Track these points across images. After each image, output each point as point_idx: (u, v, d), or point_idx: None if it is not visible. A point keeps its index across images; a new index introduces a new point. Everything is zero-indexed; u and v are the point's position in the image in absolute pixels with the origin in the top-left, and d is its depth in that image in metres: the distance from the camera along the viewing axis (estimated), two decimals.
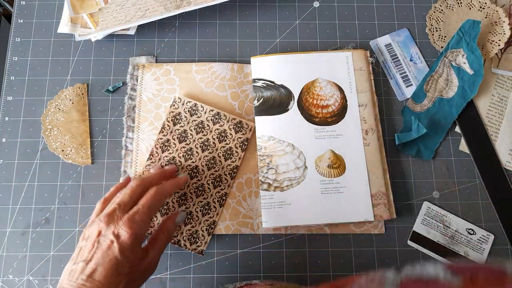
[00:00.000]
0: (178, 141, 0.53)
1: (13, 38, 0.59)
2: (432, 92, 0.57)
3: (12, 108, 0.56)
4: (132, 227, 0.39)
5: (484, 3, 0.60)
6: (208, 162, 0.53)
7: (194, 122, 0.53)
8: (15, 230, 0.52)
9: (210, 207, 0.51)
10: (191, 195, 0.51)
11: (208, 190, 0.52)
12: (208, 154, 0.53)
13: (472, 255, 0.51)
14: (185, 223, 0.51)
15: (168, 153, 0.52)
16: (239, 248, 0.52)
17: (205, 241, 0.50)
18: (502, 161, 0.55)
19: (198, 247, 0.50)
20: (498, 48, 0.59)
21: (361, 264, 0.51)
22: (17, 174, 0.54)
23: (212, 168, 0.52)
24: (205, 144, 0.53)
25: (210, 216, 0.51)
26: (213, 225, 0.51)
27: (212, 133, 0.53)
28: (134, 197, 0.42)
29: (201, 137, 0.53)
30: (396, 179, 0.54)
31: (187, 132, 0.53)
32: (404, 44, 0.60)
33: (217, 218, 0.51)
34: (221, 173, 0.52)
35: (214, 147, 0.53)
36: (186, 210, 0.51)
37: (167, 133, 0.53)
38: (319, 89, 0.56)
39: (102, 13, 0.59)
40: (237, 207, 0.52)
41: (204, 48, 0.59)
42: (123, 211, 0.40)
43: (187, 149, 0.53)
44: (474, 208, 0.53)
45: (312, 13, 0.61)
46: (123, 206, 0.41)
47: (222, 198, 0.52)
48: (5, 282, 0.50)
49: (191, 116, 0.54)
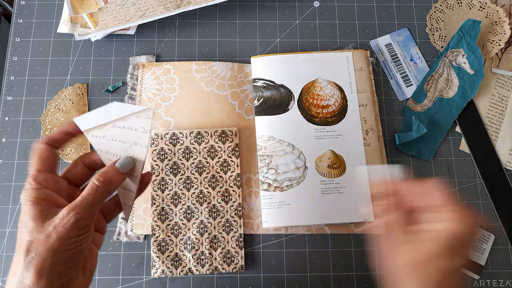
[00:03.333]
0: (173, 175, 0.52)
1: (13, 38, 0.59)
2: (432, 92, 0.57)
3: (12, 108, 0.56)
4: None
5: (484, 3, 0.60)
6: (210, 182, 0.52)
7: (179, 150, 0.53)
8: (15, 230, 0.52)
9: (231, 223, 0.51)
10: (208, 219, 0.51)
11: (222, 208, 0.51)
12: (207, 175, 0.52)
13: (472, 255, 0.51)
14: (215, 248, 0.50)
15: (168, 191, 0.52)
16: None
17: (241, 256, 0.50)
18: (503, 161, 0.55)
19: (236, 265, 0.50)
20: (499, 48, 0.59)
21: (362, 264, 0.51)
22: (17, 174, 0.54)
23: (217, 186, 0.52)
24: (199, 167, 0.52)
25: (234, 231, 0.51)
26: (241, 238, 0.51)
27: (201, 154, 0.53)
28: None
29: (193, 161, 0.52)
30: None
31: (177, 163, 0.52)
32: (404, 44, 0.59)
33: (242, 230, 0.51)
34: (227, 187, 0.52)
35: (209, 166, 0.52)
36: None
37: (159, 173, 0.52)
38: (319, 89, 0.55)
39: (102, 13, 0.58)
40: None
41: (204, 48, 0.59)
42: None
43: (184, 179, 0.52)
44: (475, 208, 0.53)
45: (312, 13, 0.61)
46: None
47: (238, 210, 0.51)
48: (5, 282, 0.50)
49: (174, 147, 0.53)
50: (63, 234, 0.29)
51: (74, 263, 0.31)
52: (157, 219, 0.51)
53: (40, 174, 0.32)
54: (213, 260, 0.50)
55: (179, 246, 0.50)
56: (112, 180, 0.33)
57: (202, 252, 0.50)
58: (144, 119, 0.35)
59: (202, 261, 0.50)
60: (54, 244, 0.29)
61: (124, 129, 0.35)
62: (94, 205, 0.32)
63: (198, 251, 0.50)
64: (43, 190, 0.31)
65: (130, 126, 0.35)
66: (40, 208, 0.30)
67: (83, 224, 0.30)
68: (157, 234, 0.50)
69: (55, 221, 0.30)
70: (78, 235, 0.30)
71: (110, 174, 0.33)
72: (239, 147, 0.54)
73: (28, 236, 0.30)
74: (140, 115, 0.35)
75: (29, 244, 0.29)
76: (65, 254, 0.30)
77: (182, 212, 0.51)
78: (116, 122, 0.35)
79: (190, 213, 0.51)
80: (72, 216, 0.30)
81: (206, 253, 0.50)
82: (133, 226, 0.51)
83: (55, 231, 0.29)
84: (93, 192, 0.32)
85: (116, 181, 0.34)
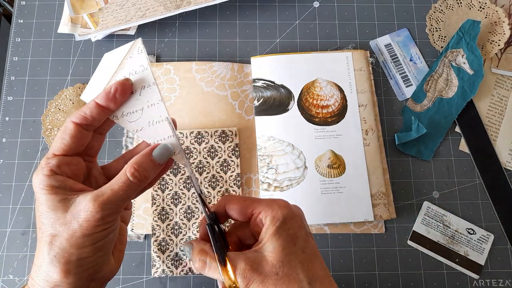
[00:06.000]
0: (173, 175, 0.52)
1: (13, 38, 0.59)
2: (432, 92, 0.57)
3: (12, 108, 0.56)
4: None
5: (484, 3, 0.60)
6: (210, 182, 0.52)
7: None
8: (16, 230, 0.52)
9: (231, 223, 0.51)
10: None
11: None
12: (207, 175, 0.52)
13: (472, 255, 0.51)
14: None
15: (169, 191, 0.52)
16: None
17: None
18: (502, 161, 0.55)
19: None
20: (498, 48, 0.59)
21: (361, 264, 0.51)
22: (17, 174, 0.54)
23: (217, 186, 0.52)
24: (199, 167, 0.52)
25: None
26: None
27: (201, 154, 0.53)
28: None
29: (193, 161, 0.53)
30: (396, 179, 0.54)
31: (178, 163, 0.52)
32: (404, 44, 0.60)
33: None
34: (227, 187, 0.52)
35: (209, 166, 0.52)
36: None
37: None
38: (319, 89, 0.56)
39: (102, 13, 0.59)
40: None
41: (204, 48, 0.59)
42: None
43: (185, 179, 0.52)
44: (474, 208, 0.54)
45: (312, 13, 0.61)
46: None
47: None
48: (6, 282, 0.50)
49: None
50: (88, 230, 0.28)
51: (102, 252, 0.29)
52: (158, 219, 0.51)
53: (53, 158, 0.30)
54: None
55: (179, 246, 0.50)
56: (147, 175, 0.30)
57: None
58: (137, 56, 0.32)
59: None
60: (79, 239, 0.28)
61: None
62: (124, 201, 0.29)
63: None
64: (56, 177, 0.29)
65: (129, 72, 0.32)
66: (58, 198, 0.28)
67: (110, 219, 0.28)
68: (158, 234, 0.50)
69: (79, 214, 0.28)
70: (104, 229, 0.28)
71: (147, 167, 0.30)
72: (239, 147, 0.54)
73: (51, 228, 0.28)
74: (132, 54, 0.32)
75: (52, 237, 0.28)
76: (92, 247, 0.28)
77: (183, 212, 0.51)
78: (115, 76, 0.32)
79: (191, 213, 0.51)
80: (98, 211, 0.27)
81: None
82: (133, 226, 0.51)
83: (80, 227, 0.27)
84: (125, 188, 0.29)
85: (151, 175, 0.30)
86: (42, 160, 0.30)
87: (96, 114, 0.30)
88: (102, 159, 0.54)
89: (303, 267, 0.29)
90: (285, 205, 0.31)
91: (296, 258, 0.29)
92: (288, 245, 0.29)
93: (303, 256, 0.30)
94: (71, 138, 0.30)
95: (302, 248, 0.30)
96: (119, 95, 0.30)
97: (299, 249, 0.30)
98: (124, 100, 0.31)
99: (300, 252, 0.30)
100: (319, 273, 0.30)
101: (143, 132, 0.32)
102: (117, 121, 0.32)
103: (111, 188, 0.29)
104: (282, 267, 0.29)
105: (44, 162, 0.30)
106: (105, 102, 0.30)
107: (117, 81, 0.31)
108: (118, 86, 0.30)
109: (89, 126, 0.31)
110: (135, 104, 0.32)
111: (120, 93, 0.30)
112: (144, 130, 0.32)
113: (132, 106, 0.32)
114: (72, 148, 0.30)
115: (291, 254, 0.29)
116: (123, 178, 0.29)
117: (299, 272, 0.29)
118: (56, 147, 0.30)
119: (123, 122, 0.32)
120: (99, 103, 0.30)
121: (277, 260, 0.29)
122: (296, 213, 0.31)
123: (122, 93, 0.31)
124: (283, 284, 0.28)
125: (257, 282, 0.28)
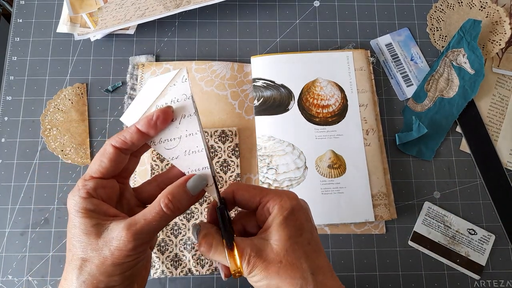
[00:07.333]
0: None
1: (12, 38, 0.59)
2: (433, 92, 0.57)
3: (11, 108, 0.56)
4: None
5: (485, 3, 0.60)
6: None
7: None
8: (14, 230, 0.52)
9: None
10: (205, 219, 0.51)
11: None
12: None
13: (473, 255, 0.51)
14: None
15: None
16: None
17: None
18: (503, 161, 0.55)
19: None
20: (499, 48, 0.58)
21: (362, 265, 0.51)
22: (16, 174, 0.53)
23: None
24: None
25: None
26: None
27: None
28: None
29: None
30: (396, 179, 0.54)
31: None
32: (404, 43, 0.59)
33: None
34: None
35: None
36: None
37: (159, 173, 0.52)
38: (320, 89, 0.55)
39: (101, 13, 0.58)
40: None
41: (204, 47, 0.59)
42: None
43: None
44: (475, 208, 0.53)
45: (312, 12, 0.61)
46: None
47: (238, 210, 0.51)
48: (5, 282, 0.50)
49: None
50: (119, 259, 0.28)
51: (129, 281, 0.29)
52: None
53: (91, 181, 0.30)
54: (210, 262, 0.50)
55: (179, 247, 0.50)
56: (181, 206, 0.29)
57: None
58: (181, 84, 0.32)
59: (202, 262, 0.50)
60: (109, 268, 0.28)
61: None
62: (156, 231, 0.29)
63: (198, 252, 0.50)
64: (92, 200, 0.29)
65: (171, 99, 0.32)
66: (92, 223, 0.28)
67: (141, 248, 0.28)
68: (157, 235, 0.50)
69: (111, 242, 0.28)
70: (134, 259, 0.28)
71: (180, 198, 0.29)
72: (239, 147, 0.54)
73: (82, 252, 0.28)
74: (176, 82, 0.32)
75: (82, 262, 0.28)
76: (121, 276, 0.28)
77: None
78: (157, 103, 0.32)
79: (190, 213, 0.51)
80: (130, 241, 0.27)
81: None
82: None
83: (111, 255, 0.27)
84: (159, 219, 0.28)
85: (184, 206, 0.30)
86: (79, 181, 0.30)
87: (136, 139, 0.30)
88: None
89: (307, 257, 0.29)
90: (294, 196, 0.31)
91: (301, 248, 0.30)
92: (294, 235, 0.30)
93: (308, 247, 0.30)
94: (109, 162, 0.30)
95: (307, 240, 0.30)
96: (160, 123, 0.30)
97: (305, 240, 0.30)
98: (164, 127, 0.31)
99: (306, 243, 0.30)
100: (323, 265, 0.30)
101: (178, 160, 0.32)
102: (154, 147, 0.32)
103: (145, 218, 0.28)
104: (287, 255, 0.29)
105: (81, 184, 0.30)
106: (146, 128, 0.30)
107: (160, 109, 0.31)
108: (160, 113, 0.30)
109: (127, 150, 0.31)
110: (174, 132, 0.32)
111: (162, 120, 0.30)
112: (179, 158, 0.32)
113: (170, 133, 0.32)
114: (110, 171, 0.30)
115: (297, 244, 0.29)
116: (157, 209, 0.29)
117: (303, 262, 0.29)
118: (94, 169, 0.30)
119: (160, 148, 0.32)
120: (140, 129, 0.30)
121: (282, 248, 0.29)
122: (303, 206, 0.32)
123: (164, 120, 0.31)
124: (285, 272, 0.28)
125: (261, 268, 0.29)
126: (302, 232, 0.30)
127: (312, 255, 0.30)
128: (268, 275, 0.28)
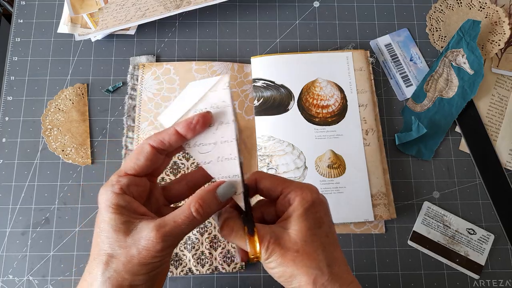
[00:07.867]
0: (173, 175, 0.52)
1: (13, 38, 0.59)
2: (432, 92, 0.57)
3: (12, 108, 0.56)
4: None
5: (484, 3, 0.60)
6: (210, 182, 0.52)
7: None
8: (15, 230, 0.52)
9: None
10: (210, 220, 0.51)
11: None
12: None
13: (472, 255, 0.51)
14: (215, 247, 0.50)
15: None
16: None
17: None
18: (502, 161, 0.55)
19: (236, 265, 0.50)
20: (498, 48, 0.59)
21: (362, 264, 0.51)
22: (17, 174, 0.54)
23: None
24: (199, 167, 0.52)
25: None
26: None
27: None
28: None
29: (193, 161, 0.52)
30: (396, 179, 0.54)
31: (178, 163, 0.52)
32: (404, 44, 0.60)
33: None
34: None
35: None
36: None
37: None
38: (319, 89, 0.56)
39: (102, 13, 0.59)
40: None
41: (204, 48, 0.59)
42: None
43: None
44: (474, 208, 0.53)
45: (312, 13, 0.61)
46: None
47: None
48: (5, 282, 0.50)
49: None
50: (146, 259, 0.28)
51: (151, 282, 0.30)
52: None
53: (125, 177, 0.30)
54: (213, 260, 0.50)
55: (179, 246, 0.50)
56: (210, 212, 0.30)
57: (202, 252, 0.50)
58: (222, 91, 0.32)
59: (202, 261, 0.50)
60: (135, 267, 0.28)
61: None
62: (184, 234, 0.30)
63: (198, 251, 0.50)
64: (124, 196, 0.29)
65: (211, 105, 0.32)
66: (122, 219, 0.28)
67: (168, 250, 0.29)
68: None
69: (140, 241, 0.28)
70: (160, 260, 0.29)
71: (210, 204, 0.30)
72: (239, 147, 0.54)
73: (109, 248, 0.28)
74: (217, 88, 0.32)
75: (109, 258, 0.28)
76: (145, 276, 0.29)
77: None
78: (196, 107, 0.32)
79: None
80: (159, 242, 0.28)
81: (206, 253, 0.50)
82: None
83: (138, 254, 0.28)
84: (188, 222, 0.29)
85: (213, 212, 0.31)
86: (112, 177, 0.30)
87: (174, 141, 0.31)
88: (102, 159, 0.54)
89: (324, 249, 0.30)
90: (315, 190, 0.32)
91: (319, 239, 0.30)
92: (313, 227, 0.30)
93: (326, 239, 0.31)
94: (145, 160, 0.31)
95: (326, 232, 0.31)
96: (199, 127, 0.31)
97: (323, 232, 0.31)
98: (201, 131, 0.32)
99: (324, 235, 0.31)
100: (339, 258, 0.31)
101: (210, 165, 0.32)
102: (189, 149, 0.32)
103: (174, 220, 0.29)
104: (304, 245, 0.30)
105: (115, 179, 0.30)
106: (184, 131, 0.31)
107: (200, 113, 0.31)
108: (200, 118, 0.31)
109: (164, 150, 0.31)
110: (210, 137, 0.32)
111: (201, 125, 0.31)
112: (212, 163, 0.32)
113: (206, 138, 0.32)
114: (144, 169, 0.31)
115: (315, 236, 0.30)
116: (187, 212, 0.29)
117: (320, 253, 0.30)
118: (128, 166, 0.31)
119: (194, 151, 0.32)
120: (178, 131, 0.31)
121: (301, 239, 0.30)
122: (323, 200, 0.32)
123: (203, 125, 0.31)
124: (301, 261, 0.29)
125: (278, 255, 0.29)
126: (321, 225, 0.31)
127: (329, 247, 0.31)
128: (284, 262, 0.29)
